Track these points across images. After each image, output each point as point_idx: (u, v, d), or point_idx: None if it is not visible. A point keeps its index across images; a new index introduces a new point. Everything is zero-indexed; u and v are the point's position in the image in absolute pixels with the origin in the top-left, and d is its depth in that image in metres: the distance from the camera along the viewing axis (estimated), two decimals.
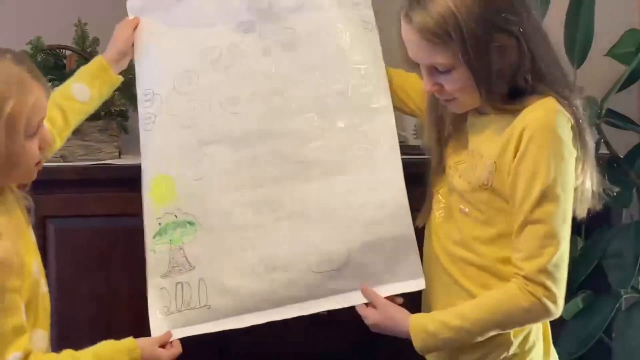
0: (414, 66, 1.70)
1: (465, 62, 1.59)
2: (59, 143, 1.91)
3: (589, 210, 1.69)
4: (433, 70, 1.65)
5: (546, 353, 1.75)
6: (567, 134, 1.58)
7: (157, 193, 1.93)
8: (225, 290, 1.89)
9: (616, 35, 2.54)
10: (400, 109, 1.99)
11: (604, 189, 1.71)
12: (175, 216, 1.91)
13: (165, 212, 1.92)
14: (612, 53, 2.54)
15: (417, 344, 1.69)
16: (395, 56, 1.81)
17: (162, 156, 1.95)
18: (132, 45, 2.00)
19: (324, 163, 1.91)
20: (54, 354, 1.69)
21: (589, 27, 2.44)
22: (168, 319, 1.89)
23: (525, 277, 1.60)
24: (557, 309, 1.63)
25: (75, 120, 1.95)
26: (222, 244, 1.90)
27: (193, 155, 1.93)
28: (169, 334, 1.86)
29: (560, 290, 1.61)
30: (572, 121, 1.59)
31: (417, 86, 1.90)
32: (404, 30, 1.64)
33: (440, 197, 1.78)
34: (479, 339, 1.67)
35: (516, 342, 1.69)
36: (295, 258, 1.89)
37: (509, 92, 1.62)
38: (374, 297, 1.81)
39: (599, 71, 2.53)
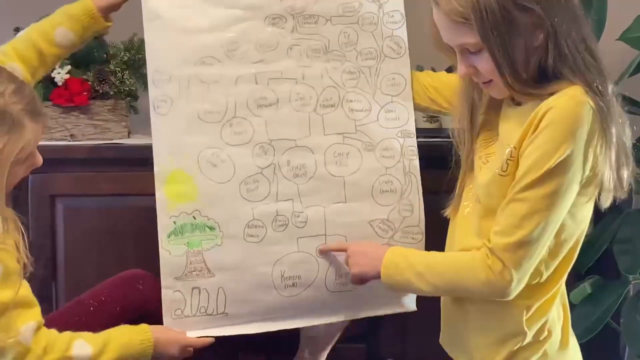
0: (448, 52, 1.68)
1: (485, 43, 1.57)
2: (31, 82, 1.87)
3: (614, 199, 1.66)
4: (465, 52, 1.63)
5: (563, 343, 1.73)
6: (587, 126, 1.54)
7: (174, 189, 1.86)
8: (244, 301, 1.90)
9: (629, 20, 2.52)
10: (427, 108, 2.01)
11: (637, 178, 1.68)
12: (194, 217, 1.86)
13: (182, 211, 1.86)
14: (624, 37, 2.52)
15: (383, 277, 1.74)
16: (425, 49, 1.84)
17: (181, 149, 1.86)
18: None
19: (349, 185, 1.92)
20: (68, 332, 1.72)
21: (602, 11, 2.43)
22: (181, 322, 1.88)
23: (490, 250, 1.59)
24: (509, 291, 1.60)
25: (52, 64, 1.92)
26: (244, 256, 1.89)
27: (217, 156, 1.87)
28: (183, 333, 1.87)
29: (519, 274, 1.58)
30: (597, 111, 1.55)
31: (447, 81, 1.94)
32: (434, 14, 1.64)
33: (471, 187, 1.77)
34: (432, 293, 1.71)
35: (530, 333, 1.67)
36: (314, 277, 1.92)
37: (536, 77, 1.59)
38: (342, 245, 1.89)
39: (611, 56, 2.42)
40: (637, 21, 2.52)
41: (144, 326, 1.81)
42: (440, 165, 1.82)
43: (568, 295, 2.31)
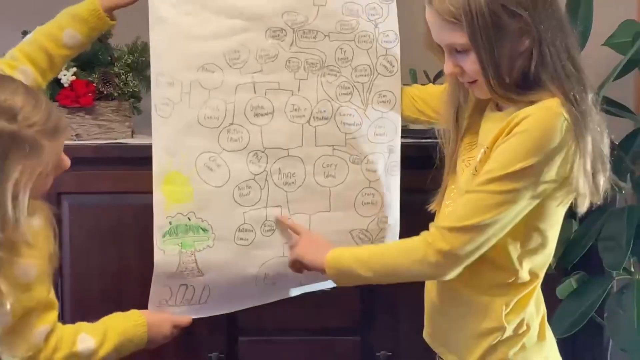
0: (437, 52, 1.71)
1: (472, 44, 1.59)
2: (43, 84, 1.87)
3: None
4: (453, 52, 1.65)
5: (540, 336, 1.76)
6: (558, 138, 1.56)
7: (171, 190, 1.89)
8: (226, 294, 1.97)
9: (613, 26, 2.57)
10: (416, 119, 2.05)
11: (613, 184, 1.70)
12: (189, 219, 1.89)
13: (177, 212, 1.89)
14: (609, 42, 2.56)
15: (328, 268, 1.76)
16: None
17: (179, 151, 1.88)
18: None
19: (334, 196, 1.97)
20: (70, 325, 1.75)
21: (588, 18, 2.45)
22: (165, 309, 1.93)
23: (435, 227, 1.63)
24: (443, 270, 1.63)
25: (61, 65, 1.91)
26: (233, 258, 1.93)
27: (214, 160, 1.90)
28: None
29: (456, 256, 1.60)
30: (571, 123, 1.57)
31: (434, 92, 1.98)
32: (426, 12, 1.66)
33: (453, 187, 1.78)
34: (373, 280, 1.73)
35: (510, 327, 1.71)
36: (293, 276, 1.95)
37: (519, 82, 1.62)
38: (297, 228, 1.92)
39: (596, 60, 2.39)
40: (621, 27, 2.56)
41: (134, 311, 1.85)
42: (427, 165, 1.86)
43: (554, 290, 2.37)
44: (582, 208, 1.67)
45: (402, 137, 2.05)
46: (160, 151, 1.88)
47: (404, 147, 2.05)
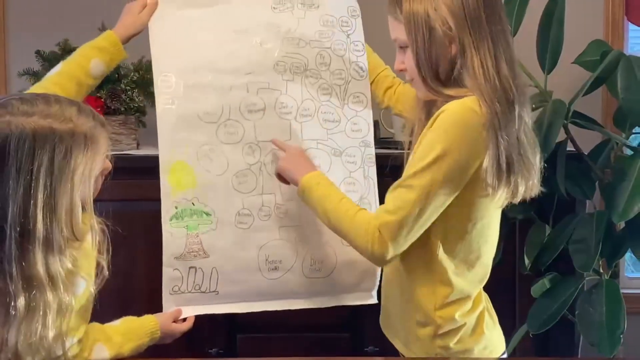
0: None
1: (408, 40, 1.73)
2: None
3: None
4: (400, 49, 1.79)
5: (477, 329, 1.83)
6: (470, 130, 1.65)
7: (176, 178, 2.01)
8: (234, 281, 2.05)
9: (583, 45, 2.72)
10: (407, 118, 2.15)
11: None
12: (193, 204, 2.01)
13: (182, 198, 2.01)
14: (579, 61, 2.72)
15: (298, 193, 1.90)
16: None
17: (182, 143, 2.01)
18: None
19: None
20: (91, 328, 1.75)
21: (559, 38, 2.59)
22: (178, 297, 2.02)
23: (379, 225, 1.71)
24: (384, 261, 1.74)
25: (84, 95, 2.02)
26: (234, 240, 2.04)
27: (213, 151, 2.03)
28: (179, 311, 1.99)
29: (394, 248, 1.71)
30: (486, 119, 1.65)
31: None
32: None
33: None
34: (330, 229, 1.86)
35: (441, 322, 1.79)
36: (293, 262, 2.07)
37: (447, 80, 1.72)
38: (283, 145, 2.02)
39: (567, 77, 2.70)
40: (590, 47, 2.72)
41: (149, 319, 1.88)
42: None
43: (529, 289, 2.52)
44: (498, 203, 1.74)
45: (388, 147, 2.20)
46: (166, 143, 2.02)
47: (385, 157, 2.16)
